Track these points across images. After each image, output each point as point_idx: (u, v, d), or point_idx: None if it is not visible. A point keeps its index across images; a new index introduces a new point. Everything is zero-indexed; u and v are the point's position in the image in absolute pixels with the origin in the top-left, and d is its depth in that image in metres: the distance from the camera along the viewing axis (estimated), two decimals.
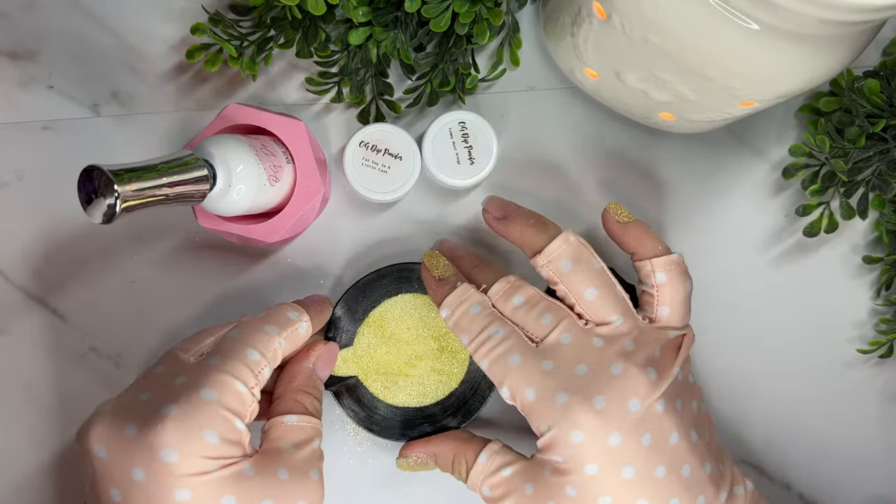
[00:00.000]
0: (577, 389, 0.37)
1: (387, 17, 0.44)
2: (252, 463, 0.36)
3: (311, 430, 0.39)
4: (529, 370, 0.38)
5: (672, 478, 0.37)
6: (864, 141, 0.45)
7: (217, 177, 0.38)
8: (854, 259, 0.50)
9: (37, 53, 0.48)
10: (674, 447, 0.37)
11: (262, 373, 0.38)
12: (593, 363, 0.38)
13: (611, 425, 0.37)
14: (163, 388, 0.37)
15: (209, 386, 0.36)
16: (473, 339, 0.40)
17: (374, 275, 0.47)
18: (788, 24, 0.33)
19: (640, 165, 0.50)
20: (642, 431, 0.37)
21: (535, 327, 0.40)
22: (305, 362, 0.42)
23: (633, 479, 0.37)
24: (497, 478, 0.40)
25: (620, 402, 0.37)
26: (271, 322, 0.40)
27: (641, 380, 0.37)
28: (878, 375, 0.50)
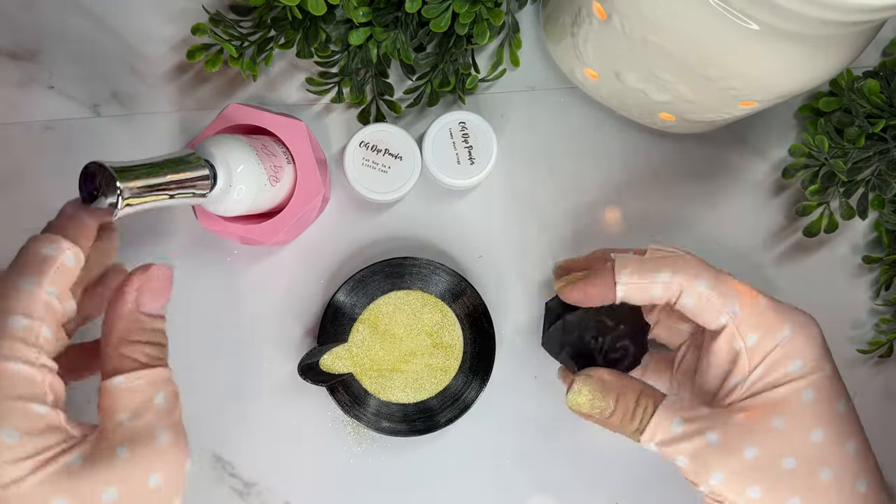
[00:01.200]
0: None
1: (387, 18, 0.44)
2: (82, 450, 0.30)
3: (147, 385, 0.32)
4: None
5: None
6: (863, 141, 0.45)
7: (218, 177, 0.38)
8: (854, 259, 0.50)
9: (37, 53, 0.48)
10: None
11: (41, 336, 0.30)
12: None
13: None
14: None
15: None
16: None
17: (366, 271, 0.47)
18: (788, 25, 0.33)
19: (640, 165, 0.50)
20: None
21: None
22: (121, 303, 0.33)
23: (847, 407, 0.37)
24: (692, 413, 0.36)
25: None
26: (24, 272, 0.31)
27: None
28: (878, 375, 0.50)
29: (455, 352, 0.47)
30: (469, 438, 0.48)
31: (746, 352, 0.36)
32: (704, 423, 0.36)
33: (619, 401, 0.38)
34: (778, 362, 0.36)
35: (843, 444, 0.35)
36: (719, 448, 0.35)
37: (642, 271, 0.37)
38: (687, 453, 0.35)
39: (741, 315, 0.36)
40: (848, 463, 0.35)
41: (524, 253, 0.49)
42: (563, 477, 0.48)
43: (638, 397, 0.37)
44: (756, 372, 0.36)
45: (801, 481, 0.34)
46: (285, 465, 0.48)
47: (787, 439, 0.35)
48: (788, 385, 0.35)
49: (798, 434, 0.35)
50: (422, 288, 0.47)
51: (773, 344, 0.36)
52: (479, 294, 0.47)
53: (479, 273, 0.49)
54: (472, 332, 0.47)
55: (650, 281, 0.37)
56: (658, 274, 0.37)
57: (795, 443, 0.35)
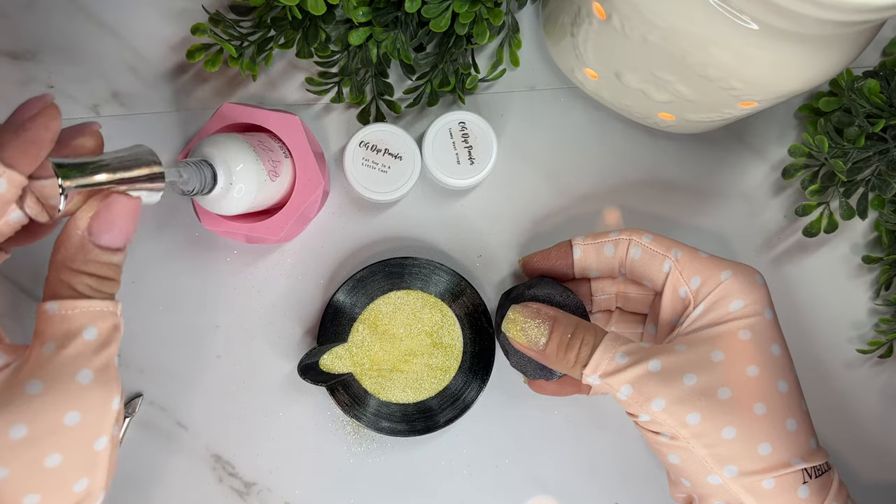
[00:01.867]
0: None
1: (387, 18, 0.44)
2: (1, 377, 0.29)
3: (80, 316, 0.30)
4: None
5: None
6: (863, 141, 0.45)
7: (218, 176, 0.38)
8: (853, 259, 0.50)
9: (37, 53, 0.48)
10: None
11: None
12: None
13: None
14: None
15: None
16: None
17: (366, 271, 0.47)
18: (788, 25, 0.33)
19: (640, 165, 0.50)
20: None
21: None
22: (71, 226, 0.30)
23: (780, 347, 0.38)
24: (635, 345, 0.38)
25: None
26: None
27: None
28: (878, 375, 0.50)
29: (455, 352, 0.47)
30: (469, 438, 0.48)
31: (691, 293, 0.39)
32: (646, 353, 0.37)
33: (554, 330, 0.39)
34: (720, 301, 0.38)
35: (776, 383, 0.37)
36: (661, 374, 0.36)
37: (595, 234, 0.42)
38: (629, 381, 0.36)
39: (683, 260, 0.39)
40: (780, 400, 0.37)
41: (524, 253, 0.49)
42: (563, 477, 0.48)
43: (574, 329, 0.38)
44: (698, 308, 0.38)
45: (737, 411, 0.36)
46: (285, 465, 0.48)
47: (724, 371, 0.36)
48: (729, 323, 0.37)
49: (735, 368, 0.36)
50: (422, 288, 0.47)
51: (715, 284, 0.38)
52: (479, 294, 0.47)
53: (479, 273, 0.49)
54: (472, 332, 0.47)
55: (602, 240, 0.41)
56: (608, 234, 0.41)
57: (732, 375, 0.36)
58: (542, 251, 0.44)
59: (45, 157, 0.30)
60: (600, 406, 0.49)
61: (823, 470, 0.37)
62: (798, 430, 0.37)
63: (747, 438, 0.36)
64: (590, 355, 0.37)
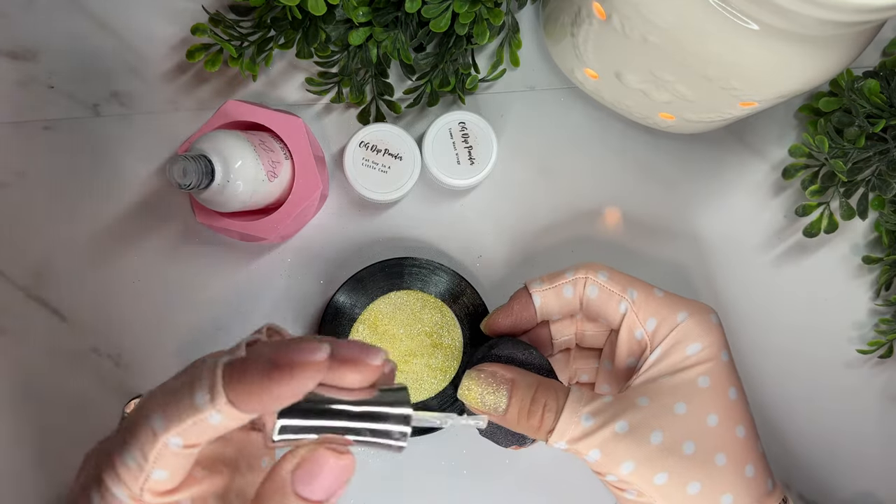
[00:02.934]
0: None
1: (387, 18, 0.44)
2: None
3: None
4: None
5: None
6: (863, 141, 0.45)
7: (215, 172, 0.38)
8: (854, 259, 0.50)
9: (37, 53, 0.48)
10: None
11: (151, 479, 0.26)
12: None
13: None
14: (102, 451, 0.29)
15: (96, 489, 0.27)
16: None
17: (366, 271, 0.47)
18: (788, 25, 0.33)
19: (640, 165, 0.50)
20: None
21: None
22: (279, 468, 0.28)
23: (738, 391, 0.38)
24: (598, 404, 0.36)
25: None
26: (161, 408, 0.26)
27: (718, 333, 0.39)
28: (878, 375, 0.50)
29: (455, 352, 0.47)
30: (469, 438, 0.48)
31: (647, 336, 0.38)
32: (611, 412, 0.36)
33: (513, 395, 0.37)
34: (677, 345, 0.38)
35: (735, 429, 0.37)
36: (628, 436, 0.36)
37: (551, 278, 0.40)
38: (598, 445, 0.36)
39: (639, 301, 0.39)
40: (739, 448, 0.37)
41: (524, 253, 0.49)
42: (564, 477, 0.48)
43: (535, 393, 0.37)
44: (655, 352, 0.38)
45: (700, 466, 0.36)
46: None
47: (687, 423, 0.36)
48: (688, 370, 0.37)
49: (697, 419, 0.36)
50: (421, 288, 0.47)
51: (671, 327, 0.38)
52: (479, 294, 0.47)
53: (479, 273, 0.49)
54: (472, 332, 0.47)
55: (558, 283, 0.40)
56: (564, 274, 0.40)
57: (695, 428, 0.36)
58: (503, 308, 0.41)
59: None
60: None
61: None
62: (756, 475, 0.37)
63: (710, 491, 0.36)
64: (554, 420, 0.36)
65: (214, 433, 0.26)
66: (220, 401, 0.25)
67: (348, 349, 0.27)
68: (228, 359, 0.26)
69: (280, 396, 0.25)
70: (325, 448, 0.27)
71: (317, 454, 0.27)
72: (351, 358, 0.27)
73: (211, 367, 0.26)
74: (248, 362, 0.26)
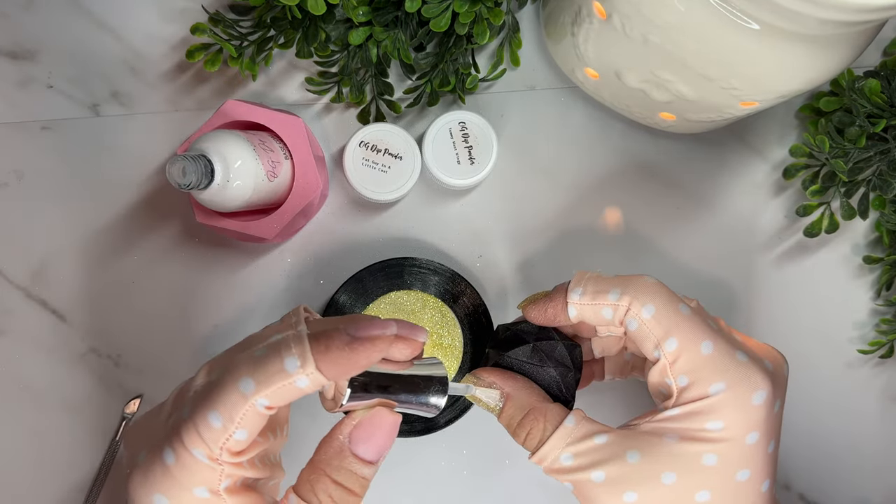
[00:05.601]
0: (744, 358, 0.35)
1: (387, 17, 0.44)
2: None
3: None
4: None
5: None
6: (864, 141, 0.45)
7: (215, 172, 0.38)
8: (854, 259, 0.50)
9: (37, 53, 0.48)
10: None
11: (232, 438, 0.29)
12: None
13: (775, 394, 0.35)
14: (159, 421, 0.32)
15: (169, 446, 0.29)
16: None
17: (366, 271, 0.46)
18: (789, 25, 0.33)
19: (640, 165, 0.50)
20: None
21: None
22: (336, 430, 0.32)
23: (771, 455, 0.35)
24: (586, 444, 0.35)
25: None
26: (250, 372, 0.29)
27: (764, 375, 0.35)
28: (879, 376, 0.50)
29: (455, 352, 0.47)
30: (469, 439, 0.48)
31: (675, 389, 0.35)
32: (595, 457, 0.34)
33: (504, 410, 0.37)
34: (700, 414, 0.34)
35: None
36: (602, 486, 0.34)
37: (594, 292, 0.36)
38: (571, 481, 0.35)
39: (675, 354, 0.35)
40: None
41: (524, 253, 0.49)
42: None
43: (524, 417, 0.36)
44: (674, 410, 0.34)
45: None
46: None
47: (668, 495, 0.34)
48: (697, 444, 0.34)
49: (683, 492, 0.34)
50: (421, 288, 0.47)
51: (702, 394, 0.34)
52: (479, 294, 0.47)
53: (479, 273, 0.49)
54: (472, 332, 0.47)
55: (599, 303, 0.36)
56: (607, 294, 0.36)
57: (677, 499, 0.34)
58: (539, 304, 0.38)
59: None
60: (600, 406, 0.49)
61: None
62: None
63: None
64: (536, 447, 0.35)
65: (297, 396, 0.29)
66: (310, 367, 0.29)
67: (403, 328, 0.31)
68: (307, 329, 0.30)
69: (358, 364, 0.29)
70: (382, 408, 0.32)
71: (377, 414, 0.32)
72: (406, 335, 0.31)
73: (297, 337, 0.29)
74: (331, 335, 0.29)
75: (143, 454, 0.30)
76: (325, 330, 0.30)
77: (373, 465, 0.32)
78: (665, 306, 0.35)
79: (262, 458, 0.32)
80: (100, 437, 0.47)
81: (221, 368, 0.30)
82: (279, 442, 0.34)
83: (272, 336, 0.30)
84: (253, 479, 0.31)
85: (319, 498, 0.31)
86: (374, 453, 0.32)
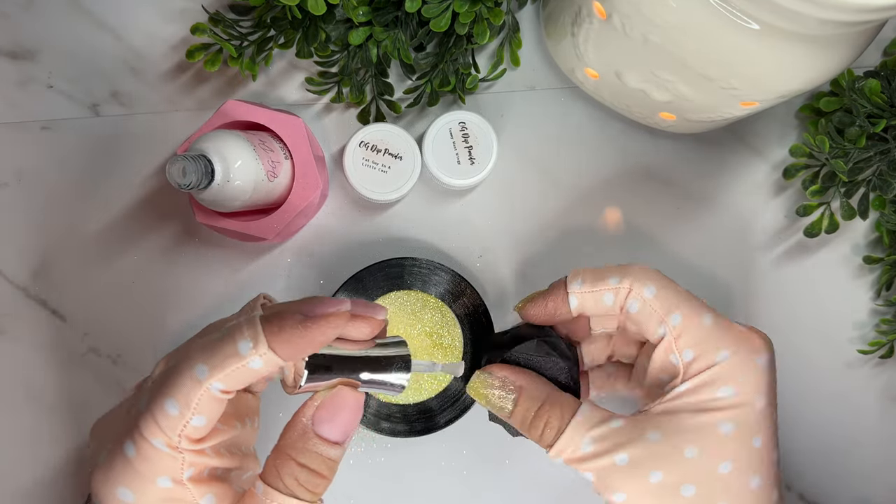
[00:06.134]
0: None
1: (387, 17, 0.44)
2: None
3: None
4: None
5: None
6: (864, 141, 0.45)
7: (215, 172, 0.38)
8: (854, 259, 0.50)
9: (37, 53, 0.48)
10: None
11: (189, 425, 0.29)
12: None
13: (773, 359, 0.36)
14: (120, 415, 0.32)
15: (130, 439, 0.29)
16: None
17: (366, 271, 0.46)
18: (789, 25, 0.33)
19: (640, 165, 0.50)
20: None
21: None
22: (299, 413, 0.32)
23: (776, 422, 0.36)
24: (605, 429, 0.35)
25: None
26: (204, 358, 0.29)
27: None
28: (879, 376, 0.50)
29: (455, 352, 0.47)
30: (469, 439, 0.48)
31: (682, 365, 0.35)
32: (615, 440, 0.34)
33: (518, 403, 0.36)
34: (709, 383, 0.35)
35: (748, 479, 0.34)
36: (626, 469, 0.34)
37: (593, 280, 0.37)
38: (593, 470, 0.35)
39: (680, 328, 0.35)
40: (746, 499, 0.34)
41: (524, 253, 0.49)
42: (564, 477, 0.48)
43: (541, 407, 0.36)
44: (685, 385, 0.35)
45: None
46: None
47: (692, 468, 0.34)
48: (712, 413, 0.34)
49: (706, 465, 0.34)
50: (422, 288, 0.47)
51: (708, 364, 0.35)
52: (479, 294, 0.47)
53: (479, 273, 0.49)
54: (472, 332, 0.47)
55: (600, 288, 0.36)
56: (607, 280, 0.36)
57: (700, 473, 0.34)
58: (539, 299, 0.38)
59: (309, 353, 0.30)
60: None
61: None
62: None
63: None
64: (554, 438, 0.35)
65: (252, 378, 0.29)
66: (262, 348, 0.29)
67: (358, 306, 0.31)
68: (262, 313, 0.30)
69: (312, 343, 0.29)
70: (344, 387, 0.31)
71: (338, 394, 0.31)
72: (362, 313, 0.31)
73: (250, 320, 0.29)
74: (283, 315, 0.29)
75: (105, 451, 0.30)
76: (279, 311, 0.30)
77: (339, 445, 0.31)
78: (664, 287, 0.36)
79: (229, 448, 0.32)
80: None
81: (177, 357, 0.30)
82: (249, 433, 0.34)
83: (228, 323, 0.30)
84: (222, 470, 0.31)
85: (286, 482, 0.30)
86: (338, 433, 0.31)
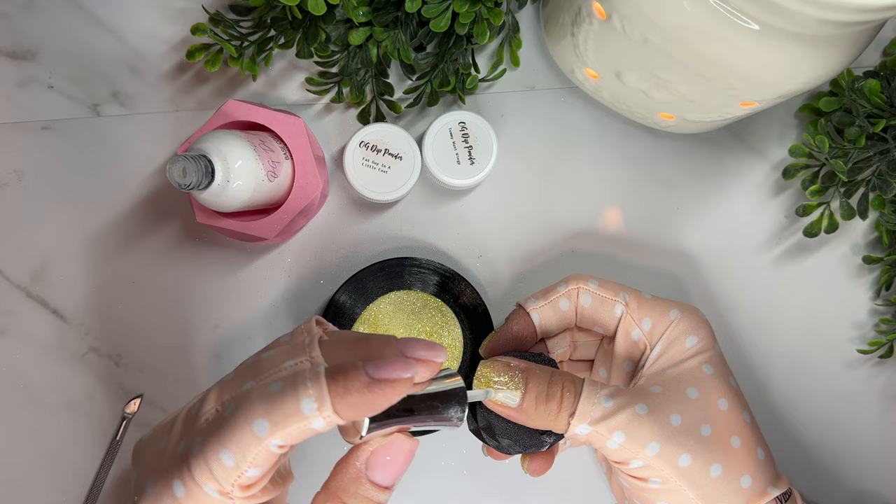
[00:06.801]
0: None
1: (387, 17, 0.44)
2: None
3: None
4: None
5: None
6: (864, 141, 0.45)
7: (215, 172, 0.38)
8: (854, 259, 0.50)
9: (37, 53, 0.48)
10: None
11: (244, 476, 0.29)
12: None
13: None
14: (169, 444, 0.31)
15: (179, 479, 0.29)
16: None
17: (366, 271, 0.47)
18: (788, 25, 0.33)
19: (640, 165, 0.50)
20: None
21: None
22: (352, 456, 0.31)
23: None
24: (614, 389, 0.36)
25: None
26: (265, 412, 0.28)
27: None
28: (878, 375, 0.50)
29: (455, 352, 0.47)
30: (469, 438, 0.48)
31: (644, 336, 0.39)
32: (629, 396, 0.36)
33: (529, 382, 0.36)
34: (676, 339, 0.39)
35: (742, 414, 0.38)
36: (649, 416, 0.36)
37: (544, 294, 0.41)
38: (621, 427, 0.35)
39: (632, 304, 0.40)
40: (749, 432, 0.38)
41: (524, 253, 0.49)
42: (564, 477, 0.48)
43: (551, 378, 0.36)
44: (657, 349, 0.39)
45: (720, 448, 0.36)
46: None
47: (701, 407, 0.37)
48: (691, 360, 0.38)
49: (709, 403, 0.37)
50: (421, 288, 0.47)
51: (667, 324, 0.39)
52: (479, 294, 0.47)
53: (479, 273, 0.49)
54: (472, 332, 0.47)
55: (553, 297, 0.40)
56: (556, 288, 0.40)
57: (709, 411, 0.37)
58: (502, 331, 0.40)
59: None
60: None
61: (789, 493, 0.38)
62: (766, 459, 0.38)
63: (731, 474, 0.36)
64: (574, 402, 0.35)
65: (310, 436, 0.29)
66: (327, 410, 0.28)
67: (418, 348, 0.30)
68: (327, 368, 0.29)
69: (376, 408, 0.29)
70: (399, 434, 0.31)
71: (394, 442, 0.31)
72: (423, 357, 0.30)
73: (314, 376, 0.28)
74: (349, 375, 0.28)
75: (152, 481, 0.30)
76: (343, 367, 0.29)
77: (388, 490, 0.31)
78: (602, 280, 0.41)
79: (273, 478, 0.32)
80: (100, 437, 0.47)
81: (233, 400, 0.29)
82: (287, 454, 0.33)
83: (285, 362, 0.30)
84: (266, 502, 0.31)
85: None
86: (390, 479, 0.31)
